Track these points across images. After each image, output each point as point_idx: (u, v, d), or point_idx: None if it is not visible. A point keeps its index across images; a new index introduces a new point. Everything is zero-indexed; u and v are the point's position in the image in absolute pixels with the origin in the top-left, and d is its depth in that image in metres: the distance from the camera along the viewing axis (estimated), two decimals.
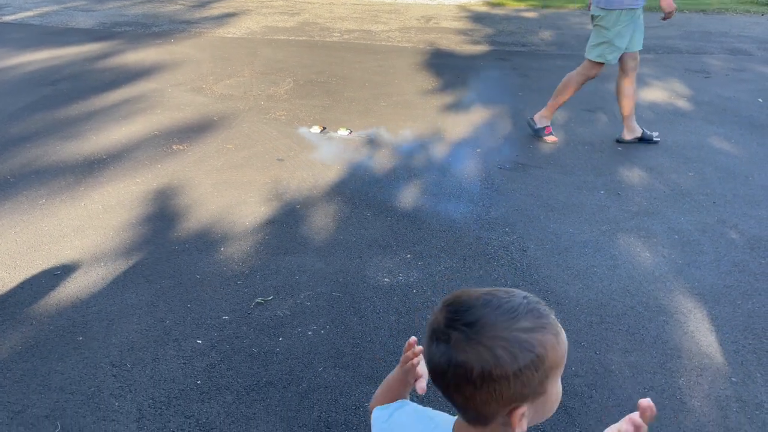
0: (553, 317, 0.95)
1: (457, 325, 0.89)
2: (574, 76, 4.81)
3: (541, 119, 5.01)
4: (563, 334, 0.95)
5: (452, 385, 0.91)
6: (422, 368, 1.14)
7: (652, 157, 4.71)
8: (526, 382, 0.89)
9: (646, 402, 0.87)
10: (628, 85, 4.77)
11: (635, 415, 0.88)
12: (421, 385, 1.12)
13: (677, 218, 3.80)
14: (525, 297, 0.94)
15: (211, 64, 7.06)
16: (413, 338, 1.16)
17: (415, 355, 1.14)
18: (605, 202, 4.01)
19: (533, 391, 0.90)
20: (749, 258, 3.39)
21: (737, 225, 3.73)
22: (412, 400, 1.19)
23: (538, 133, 5.01)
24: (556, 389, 0.95)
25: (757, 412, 2.38)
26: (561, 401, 0.98)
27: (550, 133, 5.01)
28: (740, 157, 4.73)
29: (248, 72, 6.79)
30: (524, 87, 6.40)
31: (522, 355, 0.88)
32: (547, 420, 0.92)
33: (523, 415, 0.91)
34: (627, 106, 4.84)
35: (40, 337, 2.71)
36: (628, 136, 4.94)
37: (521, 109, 5.70)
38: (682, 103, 5.96)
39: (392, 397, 1.20)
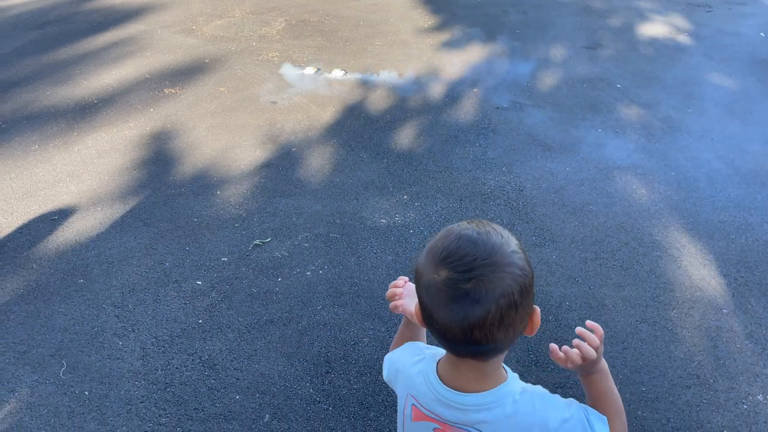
0: None
1: (476, 267, 0.87)
2: None
3: None
4: None
5: (495, 325, 0.88)
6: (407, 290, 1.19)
7: (650, 95, 4.65)
8: (534, 282, 0.94)
9: (592, 324, 1.01)
10: None
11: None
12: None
13: (674, 155, 3.79)
14: (478, 224, 0.95)
15: (200, 4, 6.86)
16: (400, 281, 1.20)
17: (398, 295, 1.18)
18: (602, 140, 3.98)
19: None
20: (744, 193, 3.41)
21: (734, 161, 3.72)
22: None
23: None
24: None
25: (746, 342, 2.44)
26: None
27: None
28: (739, 92, 4.68)
29: (239, 12, 6.61)
30: (522, 24, 6.25)
31: (527, 259, 0.93)
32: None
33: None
34: None
35: (41, 280, 2.74)
36: None
37: (519, 47, 5.59)
38: (683, 38, 5.84)
39: (403, 342, 1.22)
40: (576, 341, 1.01)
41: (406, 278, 1.19)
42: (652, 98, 4.59)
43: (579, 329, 1.03)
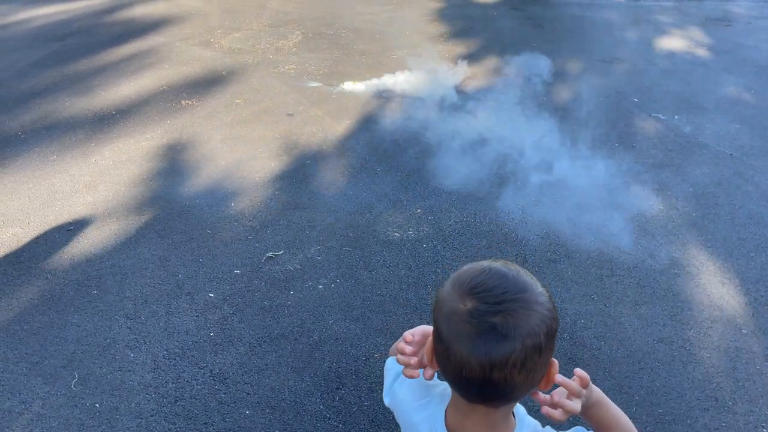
0: None
1: (506, 300, 0.83)
2: None
3: None
4: None
5: (516, 367, 0.82)
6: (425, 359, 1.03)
7: (668, 109, 4.60)
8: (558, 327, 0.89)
9: (580, 372, 0.92)
10: None
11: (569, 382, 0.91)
12: (429, 372, 0.99)
13: (693, 170, 3.74)
14: (505, 262, 0.91)
15: (218, 17, 6.94)
16: (408, 348, 1.00)
17: (414, 353, 1.00)
18: (620, 154, 3.94)
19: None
20: (765, 210, 3.34)
21: (753, 177, 3.66)
22: None
23: None
24: None
25: (766, 363, 2.38)
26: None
27: None
28: (759, 107, 4.62)
29: (256, 25, 6.67)
30: (538, 37, 6.24)
31: (554, 304, 0.88)
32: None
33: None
34: None
35: (56, 290, 2.76)
36: None
37: (535, 60, 5.56)
38: (702, 52, 5.79)
39: None
40: (558, 399, 0.91)
41: (412, 334, 1.02)
42: (669, 112, 4.55)
43: (560, 378, 0.91)
